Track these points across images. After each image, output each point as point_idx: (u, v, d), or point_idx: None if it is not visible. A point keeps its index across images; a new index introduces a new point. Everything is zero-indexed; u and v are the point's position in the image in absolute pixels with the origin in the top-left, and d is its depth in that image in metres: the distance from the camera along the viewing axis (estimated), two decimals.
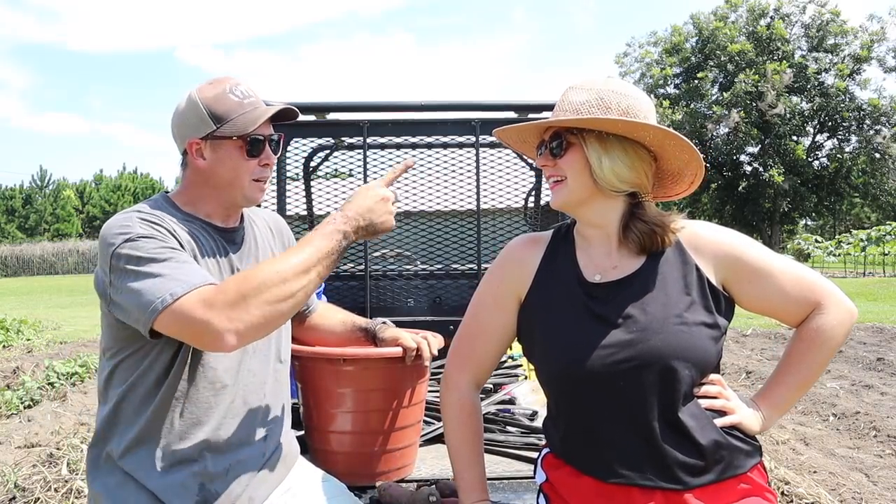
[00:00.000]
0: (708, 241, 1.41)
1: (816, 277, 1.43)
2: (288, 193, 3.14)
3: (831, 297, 1.42)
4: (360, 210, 1.46)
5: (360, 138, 2.88)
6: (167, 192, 1.58)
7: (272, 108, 1.52)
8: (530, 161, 3.28)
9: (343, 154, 3.37)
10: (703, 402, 1.36)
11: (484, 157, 2.96)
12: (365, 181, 2.86)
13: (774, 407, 1.45)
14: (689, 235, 1.41)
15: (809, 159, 34.72)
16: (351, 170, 3.27)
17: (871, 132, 33.66)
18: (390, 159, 3.14)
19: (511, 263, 1.50)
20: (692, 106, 34.30)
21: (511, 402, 2.42)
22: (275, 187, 3.09)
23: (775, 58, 33.74)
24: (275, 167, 1.65)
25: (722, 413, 1.38)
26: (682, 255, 1.39)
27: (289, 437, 1.66)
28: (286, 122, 1.59)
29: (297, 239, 1.82)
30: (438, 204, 3.19)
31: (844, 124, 34.51)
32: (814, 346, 1.42)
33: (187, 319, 1.27)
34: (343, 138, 3.12)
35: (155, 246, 1.35)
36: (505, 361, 2.66)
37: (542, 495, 1.48)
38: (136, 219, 1.40)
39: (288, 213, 3.15)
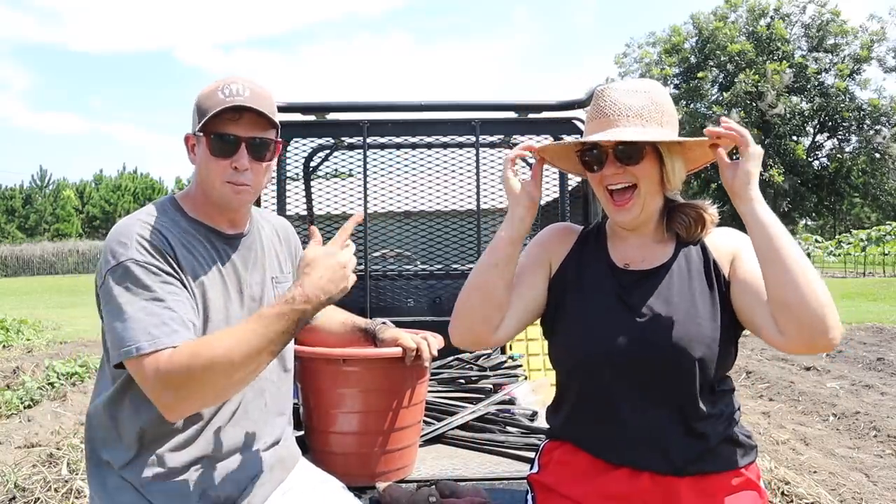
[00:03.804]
0: (723, 240, 1.46)
1: None
2: (288, 193, 3.14)
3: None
4: (321, 284, 1.32)
5: (360, 138, 2.88)
6: (175, 195, 1.56)
7: (232, 103, 1.41)
8: (530, 161, 3.28)
9: (343, 154, 3.37)
10: (714, 129, 1.30)
11: (484, 157, 2.96)
12: (365, 181, 2.86)
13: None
14: (712, 234, 1.46)
15: (809, 159, 34.72)
16: (351, 170, 3.27)
17: (871, 132, 33.65)
18: (390, 159, 3.14)
19: (552, 235, 1.56)
20: (692, 106, 34.30)
21: (511, 402, 2.41)
22: (275, 187, 3.09)
23: (775, 58, 33.72)
24: (272, 171, 1.56)
25: (731, 416, 1.40)
26: (705, 251, 1.44)
27: (289, 441, 1.65)
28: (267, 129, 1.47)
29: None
30: (438, 204, 3.19)
31: (844, 124, 34.50)
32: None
33: (142, 381, 1.29)
34: (343, 138, 3.12)
35: (141, 277, 1.33)
36: (505, 361, 2.66)
37: (529, 490, 1.50)
38: (135, 235, 1.37)
39: (288, 213, 3.15)
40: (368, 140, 2.88)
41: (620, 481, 1.35)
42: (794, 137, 34.08)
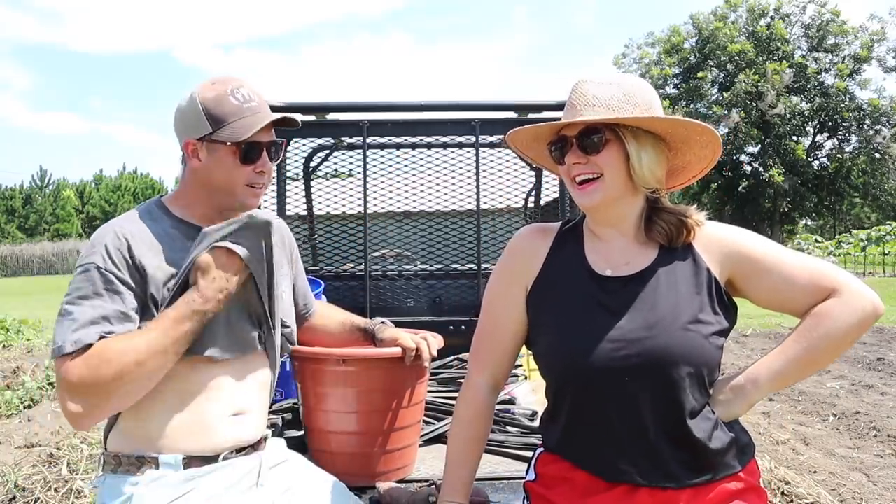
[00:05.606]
0: (714, 238, 1.41)
1: (829, 267, 1.38)
2: (288, 193, 3.14)
3: (846, 285, 1.34)
4: (218, 285, 1.42)
5: (360, 138, 2.88)
6: (162, 197, 1.58)
7: (269, 116, 1.49)
8: (531, 161, 3.28)
9: (343, 154, 3.37)
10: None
11: (484, 157, 2.95)
12: (365, 181, 2.86)
13: (765, 380, 1.38)
14: (698, 235, 1.41)
15: (809, 159, 34.72)
16: (351, 170, 3.27)
17: (871, 132, 33.65)
18: (390, 159, 3.14)
19: (518, 254, 1.48)
20: (692, 106, 34.29)
21: (511, 402, 2.41)
22: (275, 187, 3.09)
23: (775, 58, 33.71)
24: (274, 171, 1.62)
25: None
26: (693, 254, 1.39)
27: (263, 427, 1.62)
28: (289, 127, 1.56)
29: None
30: (438, 204, 3.19)
31: (844, 124, 34.50)
32: (817, 326, 1.34)
33: (58, 383, 1.37)
34: (343, 138, 3.12)
35: (95, 281, 1.40)
36: None
37: (526, 496, 1.48)
38: (107, 242, 1.43)
39: (288, 213, 3.15)
40: (368, 140, 2.88)
41: (619, 499, 1.32)
42: (794, 137, 34.08)
